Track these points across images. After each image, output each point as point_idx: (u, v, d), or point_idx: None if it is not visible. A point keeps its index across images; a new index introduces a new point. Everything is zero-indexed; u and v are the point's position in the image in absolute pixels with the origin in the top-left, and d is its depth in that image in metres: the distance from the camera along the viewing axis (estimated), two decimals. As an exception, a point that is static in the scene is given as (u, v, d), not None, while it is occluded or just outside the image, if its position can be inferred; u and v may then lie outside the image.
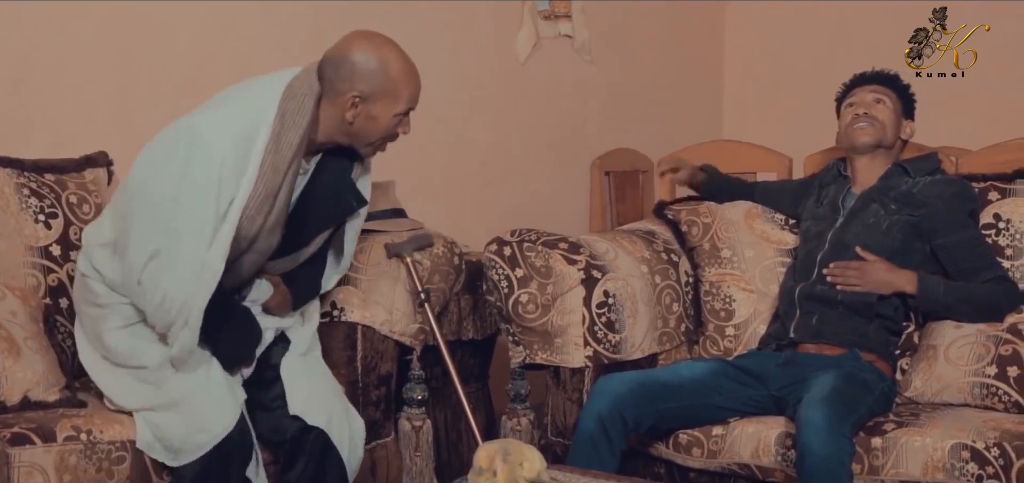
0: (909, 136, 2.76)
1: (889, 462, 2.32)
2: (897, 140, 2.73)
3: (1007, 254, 2.64)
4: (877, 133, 2.69)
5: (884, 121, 2.70)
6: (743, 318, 2.83)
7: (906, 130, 2.74)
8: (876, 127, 2.70)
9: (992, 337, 2.51)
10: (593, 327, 2.68)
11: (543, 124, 4.06)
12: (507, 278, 2.69)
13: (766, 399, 2.54)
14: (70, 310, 2.56)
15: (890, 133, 2.71)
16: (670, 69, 4.53)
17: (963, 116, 3.92)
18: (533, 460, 1.95)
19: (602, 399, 2.46)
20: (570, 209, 4.10)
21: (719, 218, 2.92)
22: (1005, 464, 2.23)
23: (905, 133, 2.74)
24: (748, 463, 2.46)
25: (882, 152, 2.72)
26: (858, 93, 2.74)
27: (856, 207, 2.71)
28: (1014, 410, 2.44)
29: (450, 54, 3.74)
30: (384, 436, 2.72)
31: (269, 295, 2.46)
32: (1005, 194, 2.70)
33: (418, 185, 3.52)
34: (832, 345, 2.60)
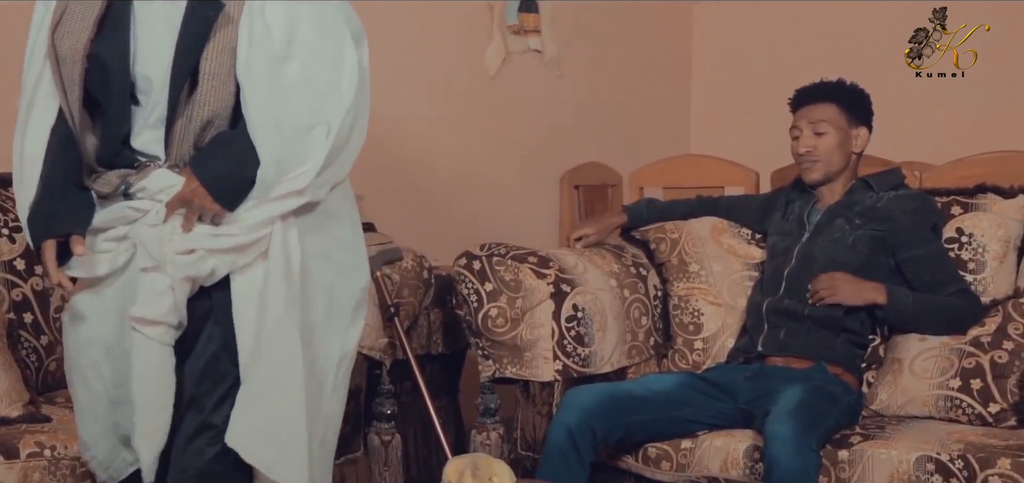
0: (863, 145, 2.75)
1: (855, 474, 2.34)
2: (851, 155, 2.75)
3: (970, 268, 2.68)
4: (823, 167, 2.71)
5: (828, 152, 2.70)
6: (711, 332, 2.85)
7: (857, 142, 2.73)
8: (821, 163, 2.71)
9: (956, 350, 2.54)
10: (562, 341, 2.69)
11: (512, 138, 4.08)
12: (476, 292, 2.69)
13: (734, 412, 2.55)
14: (35, 324, 2.53)
15: (837, 160, 2.71)
16: (638, 84, 4.56)
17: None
18: (503, 475, 1.95)
19: (571, 412, 2.47)
20: (539, 223, 4.11)
21: (686, 233, 2.94)
22: (969, 476, 2.25)
23: (857, 145, 2.73)
24: (717, 476, 2.47)
25: (838, 173, 2.74)
26: (801, 119, 2.72)
27: (822, 222, 2.74)
28: (977, 422, 2.47)
29: (419, 68, 3.75)
30: (353, 451, 2.71)
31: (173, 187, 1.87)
32: (967, 208, 2.74)
33: (387, 199, 3.52)
34: (799, 358, 2.62)
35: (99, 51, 1.86)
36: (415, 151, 3.77)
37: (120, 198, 1.90)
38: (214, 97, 1.86)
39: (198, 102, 1.86)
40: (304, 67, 1.88)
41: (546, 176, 4.15)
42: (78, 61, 1.86)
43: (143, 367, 1.87)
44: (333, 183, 1.94)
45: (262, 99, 1.85)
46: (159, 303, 1.85)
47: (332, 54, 1.90)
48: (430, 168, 3.83)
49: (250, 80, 1.85)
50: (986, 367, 2.50)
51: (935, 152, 3.44)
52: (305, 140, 1.87)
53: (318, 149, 1.88)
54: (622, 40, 4.45)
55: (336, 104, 1.89)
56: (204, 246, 1.86)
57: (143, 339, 1.86)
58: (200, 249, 1.86)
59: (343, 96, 1.90)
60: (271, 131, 1.86)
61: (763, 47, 4.57)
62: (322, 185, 1.92)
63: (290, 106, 1.87)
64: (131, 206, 1.89)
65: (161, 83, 1.86)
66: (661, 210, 3.02)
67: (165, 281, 1.85)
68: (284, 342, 1.89)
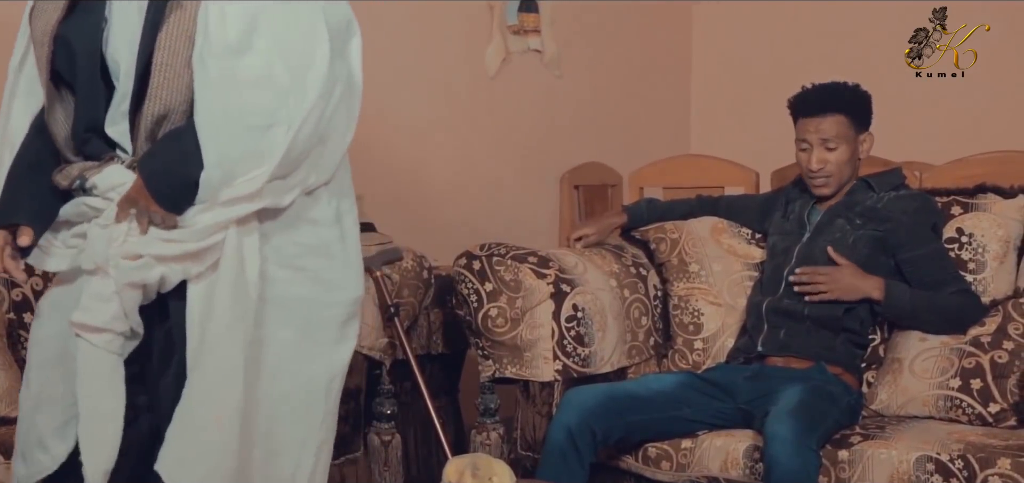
0: (870, 148, 2.74)
1: (855, 474, 2.34)
2: (858, 161, 2.74)
3: (970, 268, 2.68)
4: (835, 182, 2.70)
5: (839, 167, 2.67)
6: (711, 331, 2.85)
7: (864, 147, 2.72)
8: (833, 178, 2.69)
9: (956, 350, 2.54)
10: (562, 341, 2.69)
11: (512, 138, 4.08)
12: (476, 292, 2.69)
13: (734, 412, 2.55)
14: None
15: (847, 172, 2.70)
16: (639, 84, 4.56)
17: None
18: (503, 475, 1.95)
19: (571, 412, 2.47)
20: (539, 223, 4.11)
21: (686, 233, 2.94)
22: (969, 476, 2.25)
23: (863, 151, 2.72)
24: (717, 476, 2.47)
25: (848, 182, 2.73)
26: (809, 132, 2.67)
27: (822, 222, 2.74)
28: (977, 422, 2.47)
29: (419, 68, 3.75)
30: (353, 451, 2.71)
31: (125, 185, 1.77)
32: (968, 208, 2.74)
33: (387, 199, 3.52)
34: (799, 358, 2.62)
35: (66, 32, 1.77)
36: (415, 151, 3.77)
37: (80, 193, 1.79)
38: (166, 90, 1.73)
39: (150, 95, 1.73)
40: (264, 62, 1.72)
41: (546, 176, 4.15)
42: (45, 42, 1.77)
43: (87, 375, 1.72)
44: (304, 187, 1.79)
45: (210, 93, 1.70)
46: (102, 309, 1.71)
47: (300, 50, 1.75)
48: (430, 168, 3.83)
49: (200, 72, 1.70)
50: (986, 367, 2.50)
51: (935, 152, 3.44)
52: (261, 140, 1.71)
53: (276, 150, 1.72)
54: (622, 40, 4.45)
55: (299, 102, 1.73)
56: (152, 252, 1.71)
57: (87, 346, 1.72)
58: (147, 255, 1.71)
59: (307, 94, 1.74)
60: (217, 129, 1.70)
61: (763, 47, 4.57)
62: (285, 189, 1.76)
63: (243, 103, 1.71)
64: (86, 203, 1.78)
65: (127, 72, 1.75)
66: (661, 210, 3.02)
67: (110, 286, 1.72)
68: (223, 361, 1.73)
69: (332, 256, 1.86)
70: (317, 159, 1.79)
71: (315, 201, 1.83)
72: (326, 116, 1.77)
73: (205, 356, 1.73)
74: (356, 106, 1.86)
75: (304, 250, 1.82)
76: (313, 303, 1.84)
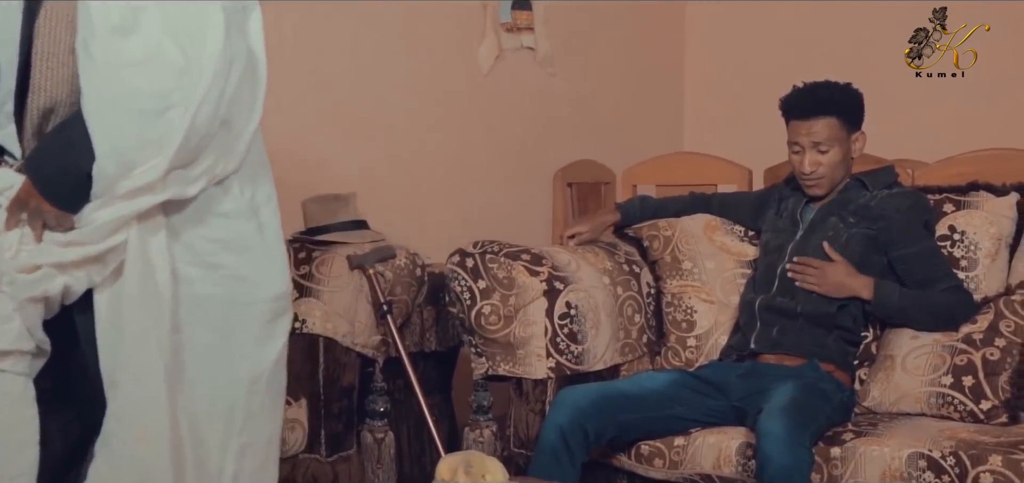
0: (862, 147, 2.74)
1: (848, 472, 2.34)
2: (851, 161, 2.74)
3: (962, 265, 2.68)
4: (827, 183, 2.70)
5: (832, 169, 2.67)
6: (704, 329, 2.85)
7: (857, 146, 2.71)
8: (826, 180, 2.69)
9: (948, 347, 2.55)
10: (555, 338, 2.69)
11: (506, 136, 4.07)
12: (470, 290, 2.69)
13: (726, 410, 2.56)
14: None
15: (840, 173, 2.70)
16: (632, 82, 4.56)
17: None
18: (495, 472, 1.96)
19: (563, 411, 2.47)
20: (533, 221, 4.10)
21: (679, 231, 2.94)
22: (961, 472, 2.26)
23: (856, 150, 2.72)
24: (709, 473, 2.48)
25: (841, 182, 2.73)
26: (801, 135, 2.66)
27: (816, 220, 2.74)
28: (969, 419, 2.48)
29: (412, 66, 3.74)
30: (346, 449, 2.71)
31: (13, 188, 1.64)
32: (960, 206, 2.75)
33: (380, 197, 3.51)
34: (791, 356, 2.63)
35: None
36: (408, 149, 3.76)
37: None
38: (50, 82, 1.59)
39: (34, 88, 1.59)
40: (152, 41, 1.58)
41: (539, 174, 4.15)
42: None
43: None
44: (212, 176, 1.65)
45: (96, 79, 1.56)
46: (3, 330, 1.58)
47: (191, 26, 1.59)
48: (423, 166, 3.83)
49: (84, 58, 1.56)
50: (978, 364, 2.50)
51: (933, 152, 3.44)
52: (156, 125, 1.57)
53: (174, 135, 1.58)
54: (615, 38, 4.45)
55: (194, 82, 1.59)
56: (50, 261, 1.58)
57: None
58: (45, 265, 1.58)
59: (203, 72, 1.59)
60: (105, 116, 1.55)
61: (756, 45, 4.58)
62: (189, 179, 1.63)
63: (132, 86, 1.57)
64: None
65: (8, 68, 1.61)
66: (654, 208, 3.02)
67: (7, 303, 1.58)
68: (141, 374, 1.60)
69: (249, 250, 1.72)
70: (222, 144, 1.65)
71: (226, 192, 1.69)
72: (226, 96, 1.62)
73: (120, 372, 1.59)
74: (261, 86, 1.71)
75: (218, 246, 1.69)
76: (231, 302, 1.71)
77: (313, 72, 3.52)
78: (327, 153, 3.55)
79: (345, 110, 3.60)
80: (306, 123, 3.51)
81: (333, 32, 3.54)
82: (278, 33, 3.39)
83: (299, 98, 3.49)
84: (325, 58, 3.54)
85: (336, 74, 3.57)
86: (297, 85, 3.48)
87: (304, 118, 3.50)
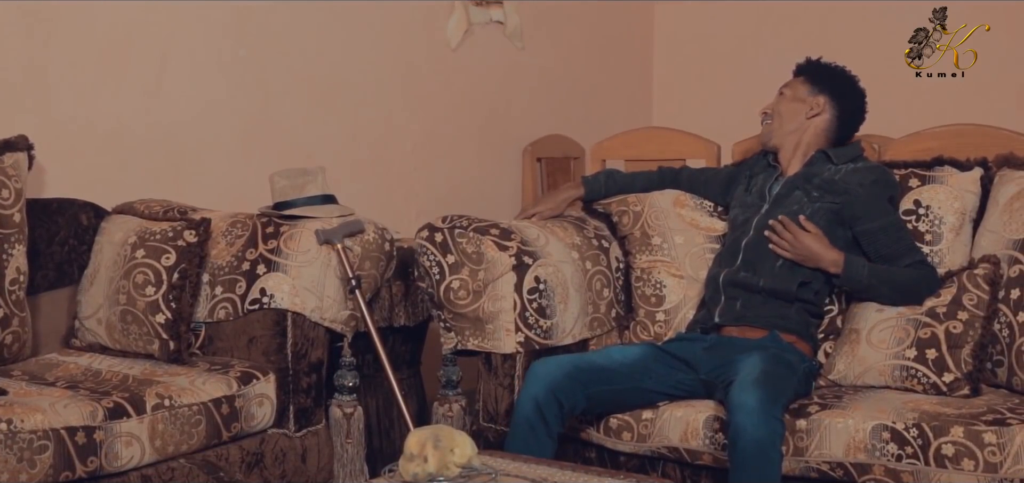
0: (821, 111, 2.75)
1: (813, 443, 2.37)
2: (806, 119, 2.76)
3: (927, 239, 2.71)
4: (777, 131, 2.79)
5: (782, 111, 2.78)
6: (673, 303, 2.86)
7: (815, 107, 2.75)
8: (774, 122, 2.80)
9: (912, 321, 2.58)
10: (524, 313, 2.69)
11: (474, 110, 4.06)
12: (438, 264, 2.69)
13: (695, 383, 2.57)
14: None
15: (788, 121, 2.76)
16: (601, 56, 4.56)
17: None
18: (464, 446, 1.96)
19: (537, 383, 2.47)
20: (502, 195, 4.11)
21: (649, 206, 2.95)
22: (923, 444, 2.29)
23: (813, 110, 2.75)
24: (677, 446, 2.50)
25: (790, 134, 2.76)
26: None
27: (781, 194, 2.76)
28: (932, 391, 2.51)
29: (380, 40, 3.72)
30: (315, 424, 2.70)
31: None
32: (925, 181, 2.77)
33: (348, 171, 3.50)
34: (754, 327, 2.65)
35: None
36: (376, 123, 3.75)
37: None
38: None
39: None
40: None
41: (508, 148, 4.15)
42: None
43: None
44: None
45: None
46: None
47: None
48: (392, 140, 3.81)
49: None
50: (941, 337, 2.53)
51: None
52: None
53: None
54: (584, 13, 4.45)
55: None
56: None
57: None
58: None
59: None
60: None
61: (725, 20, 4.59)
62: None
63: None
64: None
65: None
66: (621, 183, 3.02)
67: None
68: None
69: None
70: None
71: None
72: None
73: None
74: None
75: None
76: None
77: (281, 46, 3.49)
78: (295, 127, 3.53)
79: (314, 84, 3.57)
80: (274, 97, 3.48)
81: (301, 6, 3.51)
82: (244, 8, 3.37)
83: (267, 72, 3.46)
84: (293, 32, 3.51)
85: (304, 48, 3.54)
86: (264, 59, 3.45)
87: (272, 92, 3.48)
